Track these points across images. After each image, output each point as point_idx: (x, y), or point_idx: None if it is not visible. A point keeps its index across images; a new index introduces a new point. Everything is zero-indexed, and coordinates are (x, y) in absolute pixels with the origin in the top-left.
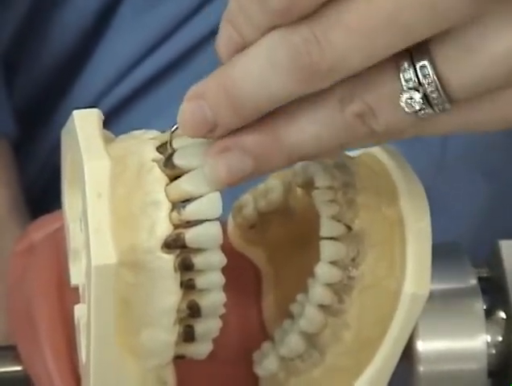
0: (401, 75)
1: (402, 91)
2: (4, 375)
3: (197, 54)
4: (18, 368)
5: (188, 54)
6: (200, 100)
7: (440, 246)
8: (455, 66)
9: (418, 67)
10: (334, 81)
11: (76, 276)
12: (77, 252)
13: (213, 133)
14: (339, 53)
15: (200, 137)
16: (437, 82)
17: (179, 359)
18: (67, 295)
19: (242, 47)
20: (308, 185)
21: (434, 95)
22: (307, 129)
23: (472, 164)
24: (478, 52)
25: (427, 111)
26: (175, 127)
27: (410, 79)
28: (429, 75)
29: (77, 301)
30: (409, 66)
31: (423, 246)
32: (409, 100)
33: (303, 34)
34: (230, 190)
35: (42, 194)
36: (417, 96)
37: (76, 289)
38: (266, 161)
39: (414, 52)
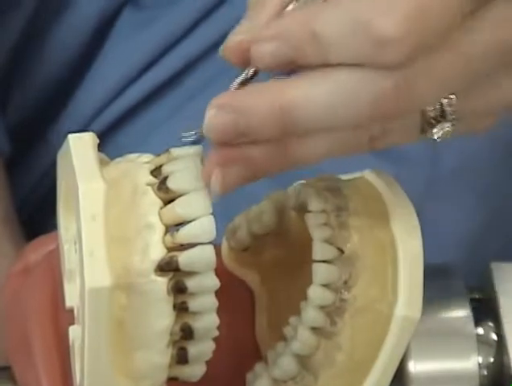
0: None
1: (429, 120)
2: None
3: (190, 73)
4: None
5: (181, 72)
6: (233, 113)
7: (433, 267)
8: (469, 101)
9: (444, 100)
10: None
11: (71, 297)
12: (72, 273)
13: (239, 140)
14: (419, 98)
15: (224, 142)
16: (456, 110)
17: (172, 380)
18: (61, 316)
19: (288, 68)
20: (301, 208)
21: (451, 121)
22: (318, 148)
23: (463, 184)
24: (486, 96)
25: (443, 132)
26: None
27: (435, 109)
28: (453, 104)
29: (72, 323)
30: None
31: (414, 269)
32: (441, 129)
33: (395, 80)
34: (224, 213)
35: (36, 211)
36: (448, 124)
37: (71, 310)
38: (265, 172)
39: None
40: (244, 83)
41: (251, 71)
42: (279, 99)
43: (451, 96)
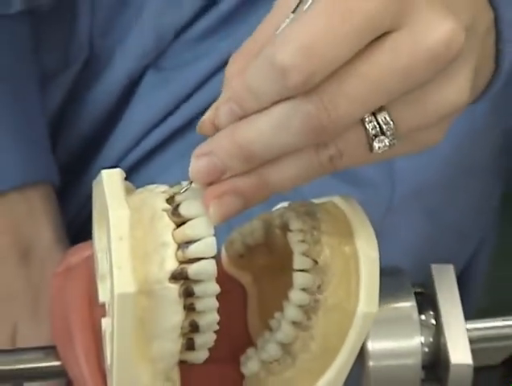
0: (368, 126)
1: (371, 137)
2: (48, 367)
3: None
4: (58, 363)
5: (192, 121)
6: (209, 156)
7: (387, 268)
8: (405, 116)
9: (380, 118)
10: (332, 136)
11: (103, 294)
12: (104, 275)
13: (222, 178)
14: (342, 117)
15: (210, 183)
16: (392, 127)
17: (182, 363)
18: (95, 308)
19: (241, 118)
20: (284, 227)
21: (390, 137)
22: (288, 172)
23: (416, 204)
24: (420, 109)
25: (385, 147)
26: (186, 184)
27: (375, 127)
28: (389, 123)
29: (104, 315)
30: (373, 119)
31: (372, 275)
32: (380, 143)
33: (315, 103)
34: (225, 227)
35: (80, 230)
36: (385, 138)
37: (103, 305)
38: (254, 198)
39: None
40: None
41: None
42: (237, 138)
43: (383, 113)
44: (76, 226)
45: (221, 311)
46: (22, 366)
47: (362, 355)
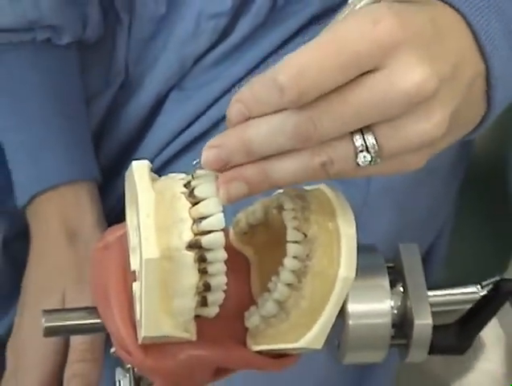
0: (355, 143)
1: (357, 152)
2: (90, 324)
3: (213, 132)
4: (98, 321)
5: (207, 131)
6: (217, 148)
7: (364, 246)
8: (388, 139)
9: (366, 138)
10: (318, 144)
11: (134, 263)
12: (134, 248)
13: (226, 167)
14: (325, 130)
15: (217, 171)
16: (376, 147)
17: (197, 317)
18: (128, 276)
19: (247, 119)
20: (280, 207)
21: (374, 155)
22: (287, 169)
23: (387, 199)
24: (402, 135)
25: (368, 163)
26: (196, 171)
27: (362, 144)
28: (373, 143)
29: (135, 280)
30: (360, 137)
31: (351, 247)
32: (363, 158)
33: (305, 116)
34: (232, 210)
35: (116, 218)
36: (368, 154)
37: (134, 272)
38: (257, 187)
39: (364, 129)
40: None
41: None
42: (242, 136)
43: (369, 132)
44: (113, 216)
45: (229, 278)
46: (69, 323)
47: (343, 315)
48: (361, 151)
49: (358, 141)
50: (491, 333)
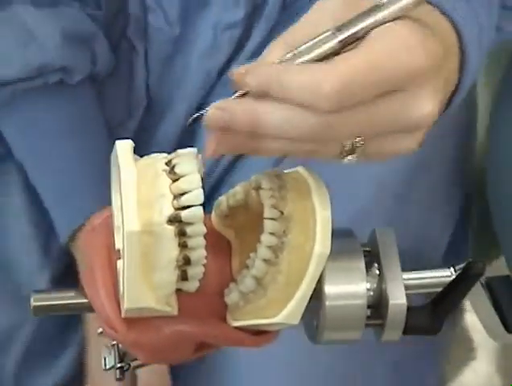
0: (345, 147)
1: (343, 151)
2: (79, 303)
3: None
4: (86, 301)
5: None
6: (223, 111)
7: (340, 230)
8: (374, 148)
9: (355, 143)
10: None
11: (118, 242)
12: (118, 226)
13: (226, 129)
14: (335, 134)
15: (217, 129)
16: (362, 151)
17: (178, 291)
18: (113, 255)
19: (260, 95)
20: (258, 187)
21: (358, 156)
22: (276, 145)
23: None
24: (390, 146)
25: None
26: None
27: (350, 148)
28: (362, 149)
29: (119, 258)
30: (351, 141)
31: (326, 224)
32: (350, 157)
33: (325, 121)
34: (213, 195)
35: None
36: (354, 157)
37: (118, 251)
38: (244, 149)
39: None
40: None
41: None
42: (253, 112)
43: (360, 140)
44: None
45: (211, 258)
46: (57, 302)
47: (320, 296)
48: (348, 153)
49: (347, 146)
50: (480, 335)
